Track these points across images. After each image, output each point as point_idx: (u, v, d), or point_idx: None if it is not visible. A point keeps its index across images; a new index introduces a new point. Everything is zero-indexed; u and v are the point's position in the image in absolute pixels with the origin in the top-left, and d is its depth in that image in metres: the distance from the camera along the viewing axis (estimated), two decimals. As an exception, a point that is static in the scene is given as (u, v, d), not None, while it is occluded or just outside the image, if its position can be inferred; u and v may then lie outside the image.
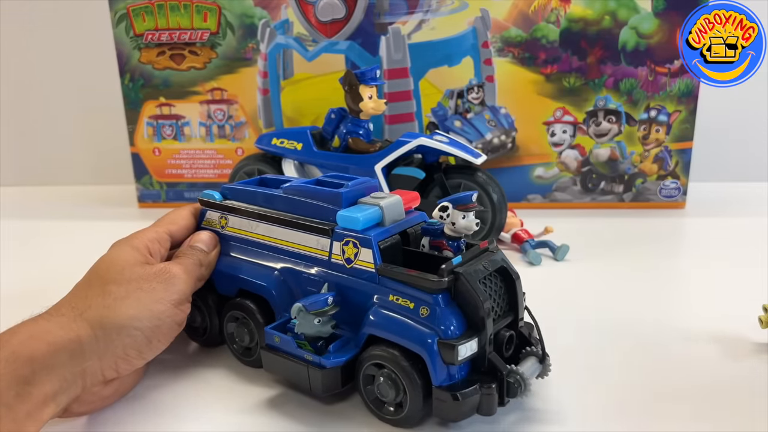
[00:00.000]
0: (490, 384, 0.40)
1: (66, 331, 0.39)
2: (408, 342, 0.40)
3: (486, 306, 0.40)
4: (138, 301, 0.43)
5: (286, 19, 0.88)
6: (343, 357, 0.43)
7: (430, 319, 0.40)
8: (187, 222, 0.53)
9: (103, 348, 0.40)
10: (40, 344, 0.38)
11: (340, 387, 0.43)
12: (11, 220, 0.93)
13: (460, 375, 0.40)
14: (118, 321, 0.41)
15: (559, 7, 0.85)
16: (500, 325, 0.42)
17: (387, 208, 0.45)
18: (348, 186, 0.47)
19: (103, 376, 0.41)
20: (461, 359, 0.39)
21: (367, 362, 0.42)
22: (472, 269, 0.41)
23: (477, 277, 0.41)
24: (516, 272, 0.44)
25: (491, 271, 0.42)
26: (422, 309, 0.40)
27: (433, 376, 0.40)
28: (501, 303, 0.43)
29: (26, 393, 0.36)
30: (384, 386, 0.42)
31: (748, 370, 0.49)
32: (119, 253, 0.46)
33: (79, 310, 0.41)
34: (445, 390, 0.40)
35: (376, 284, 0.43)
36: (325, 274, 0.46)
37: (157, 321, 0.43)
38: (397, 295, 0.42)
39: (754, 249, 0.74)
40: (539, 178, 0.92)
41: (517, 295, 0.44)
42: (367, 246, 0.43)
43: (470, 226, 0.43)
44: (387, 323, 0.42)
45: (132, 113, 0.94)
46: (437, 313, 0.40)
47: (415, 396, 0.41)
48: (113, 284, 0.43)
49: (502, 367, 0.41)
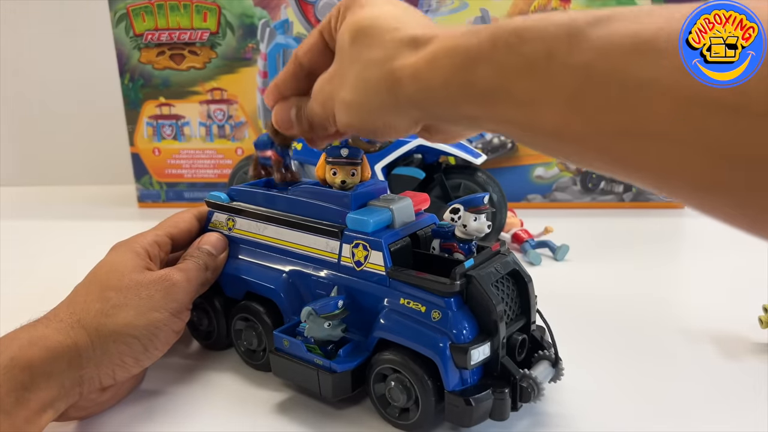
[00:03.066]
0: (503, 389, 0.40)
1: (64, 337, 0.39)
2: (420, 346, 0.40)
3: (499, 309, 0.39)
4: (136, 309, 0.42)
5: (286, 18, 0.88)
6: (353, 361, 0.42)
7: (442, 322, 0.39)
8: (190, 225, 0.52)
9: (100, 355, 0.40)
10: (39, 350, 0.38)
11: (351, 391, 0.43)
12: (11, 220, 0.93)
13: (472, 379, 0.40)
14: (115, 329, 0.41)
15: (559, 7, 0.85)
16: (513, 328, 0.42)
17: (397, 210, 0.45)
18: (357, 188, 0.46)
19: (100, 383, 0.41)
20: (474, 364, 0.39)
21: (378, 366, 0.42)
22: (484, 272, 0.40)
23: (489, 281, 0.40)
24: (528, 275, 0.44)
25: (503, 274, 0.42)
26: (434, 312, 0.40)
27: (446, 381, 0.39)
28: (513, 306, 0.43)
29: (25, 399, 0.36)
30: (395, 390, 0.41)
31: (748, 370, 0.49)
32: (119, 257, 0.46)
33: (77, 316, 0.41)
34: (457, 395, 0.39)
35: (387, 287, 0.43)
36: (334, 276, 0.45)
37: (154, 329, 0.43)
38: (408, 298, 0.41)
39: (754, 249, 0.74)
40: (539, 178, 0.92)
41: (529, 298, 0.43)
42: (377, 249, 0.43)
43: (482, 229, 0.43)
44: (398, 327, 0.41)
45: (132, 113, 0.94)
46: (449, 317, 0.39)
47: (427, 401, 0.40)
48: (112, 290, 0.43)
49: (515, 371, 0.40)
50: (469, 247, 0.44)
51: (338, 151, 0.46)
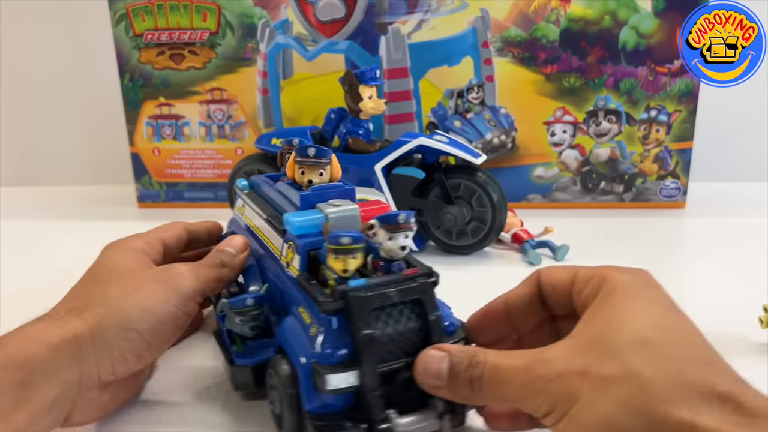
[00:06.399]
0: (360, 425, 0.36)
1: (63, 331, 0.38)
2: (293, 357, 0.39)
3: (366, 336, 0.36)
4: (137, 302, 0.41)
5: (286, 18, 0.88)
6: (252, 359, 0.43)
7: (314, 338, 0.37)
8: (178, 232, 0.52)
9: (100, 349, 0.39)
10: (38, 346, 0.37)
11: (254, 387, 0.43)
12: (11, 220, 0.93)
13: (339, 405, 0.37)
14: (115, 323, 0.40)
15: (559, 7, 0.85)
16: (400, 364, 0.37)
17: (334, 217, 0.42)
18: (311, 189, 0.45)
19: (99, 379, 0.40)
20: (331, 389, 0.36)
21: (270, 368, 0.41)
22: (366, 295, 0.36)
23: (371, 305, 0.36)
24: (435, 309, 0.38)
25: (400, 301, 0.37)
26: (313, 327, 0.38)
27: (303, 399, 0.37)
28: (406, 339, 0.38)
29: (24, 398, 0.35)
30: (273, 395, 0.41)
31: (748, 370, 0.49)
32: (116, 254, 0.46)
33: (76, 312, 0.40)
34: (312, 417, 0.37)
35: (297, 292, 0.42)
36: (277, 272, 0.46)
37: (156, 323, 0.41)
38: (303, 307, 0.41)
39: (754, 249, 0.74)
40: (539, 178, 0.92)
41: (430, 333, 0.38)
42: (297, 252, 0.42)
43: (395, 250, 0.38)
44: (287, 334, 0.40)
45: (131, 113, 0.94)
46: (323, 335, 0.37)
47: (289, 413, 0.39)
48: (111, 285, 0.42)
49: (377, 411, 0.36)
50: (390, 267, 0.39)
51: (306, 151, 0.45)
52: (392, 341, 0.37)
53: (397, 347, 0.37)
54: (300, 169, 0.45)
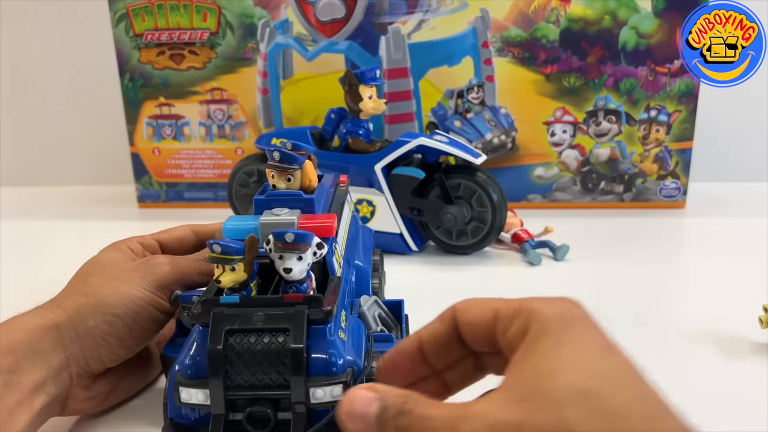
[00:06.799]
0: None
1: (44, 321, 0.40)
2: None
3: (212, 352, 0.34)
4: (115, 289, 0.43)
5: (286, 18, 0.88)
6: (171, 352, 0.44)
7: (189, 347, 0.37)
8: (180, 233, 0.52)
9: (82, 334, 0.41)
10: (20, 334, 0.39)
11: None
12: (11, 220, 0.93)
13: (193, 419, 0.37)
14: (94, 309, 0.42)
15: (559, 7, 0.85)
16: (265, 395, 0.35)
17: (263, 225, 0.40)
18: (267, 194, 0.44)
19: (87, 365, 0.41)
20: (185, 402, 0.35)
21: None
22: (229, 312, 0.34)
23: (229, 323, 0.34)
24: (301, 341, 0.34)
25: (263, 327, 0.34)
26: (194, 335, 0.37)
27: (168, 404, 0.38)
28: (270, 371, 0.35)
29: (14, 382, 0.37)
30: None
31: (748, 370, 0.49)
32: (103, 254, 0.47)
33: (57, 303, 0.42)
34: (170, 425, 0.37)
35: None
36: None
37: (135, 307, 0.43)
38: None
39: (754, 249, 0.74)
40: (539, 178, 0.92)
41: (299, 366, 0.34)
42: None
43: (281, 271, 0.36)
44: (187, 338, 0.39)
45: (131, 113, 0.94)
46: (186, 345, 0.37)
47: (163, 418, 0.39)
48: (93, 277, 0.44)
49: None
50: (285, 288, 0.37)
51: (272, 154, 0.43)
52: (247, 368, 0.34)
53: (259, 377, 0.34)
54: (271, 173, 0.44)
